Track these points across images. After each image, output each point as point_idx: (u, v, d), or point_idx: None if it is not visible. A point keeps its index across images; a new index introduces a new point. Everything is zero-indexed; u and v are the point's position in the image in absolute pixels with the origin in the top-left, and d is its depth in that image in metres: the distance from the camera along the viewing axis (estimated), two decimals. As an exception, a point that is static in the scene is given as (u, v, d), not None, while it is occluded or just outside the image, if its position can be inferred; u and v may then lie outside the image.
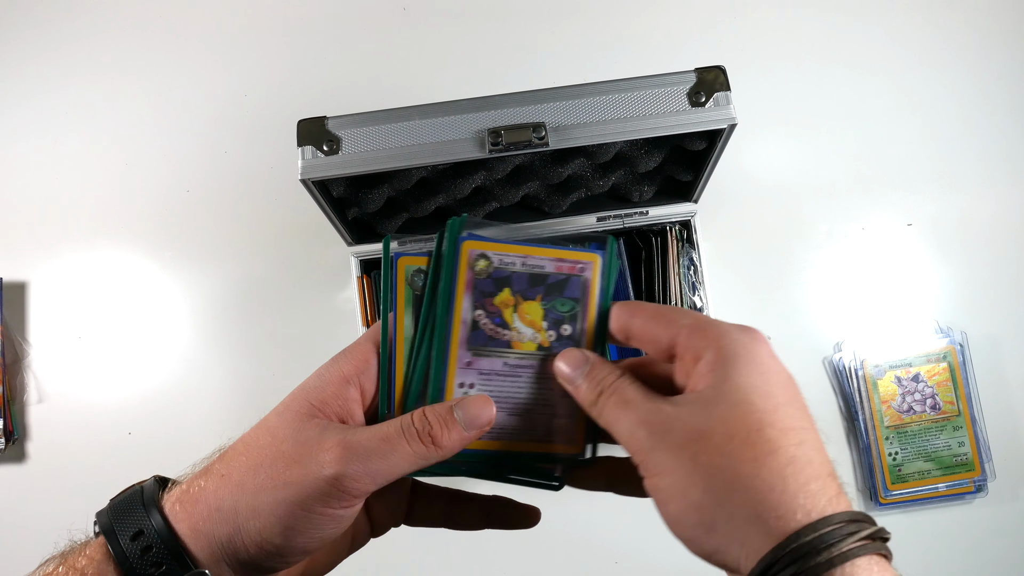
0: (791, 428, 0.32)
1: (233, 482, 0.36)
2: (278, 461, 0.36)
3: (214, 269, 0.99)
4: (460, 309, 0.40)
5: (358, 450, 0.35)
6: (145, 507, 0.36)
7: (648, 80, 0.69)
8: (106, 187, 1.02)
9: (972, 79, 1.03)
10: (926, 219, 1.00)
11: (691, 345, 0.35)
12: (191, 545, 0.35)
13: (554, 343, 0.41)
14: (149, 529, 0.35)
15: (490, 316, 0.40)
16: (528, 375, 0.40)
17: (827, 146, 1.02)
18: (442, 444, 0.37)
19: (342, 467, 0.35)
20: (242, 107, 1.04)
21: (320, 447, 0.35)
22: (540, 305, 0.41)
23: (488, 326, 0.40)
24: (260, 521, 0.35)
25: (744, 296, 0.97)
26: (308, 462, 0.35)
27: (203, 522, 0.35)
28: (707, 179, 0.81)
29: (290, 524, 0.35)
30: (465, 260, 0.40)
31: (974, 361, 0.94)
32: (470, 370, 0.40)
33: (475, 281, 0.40)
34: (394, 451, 0.36)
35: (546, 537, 0.92)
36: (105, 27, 1.07)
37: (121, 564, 0.34)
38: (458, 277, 0.40)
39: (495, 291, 0.40)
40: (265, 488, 0.35)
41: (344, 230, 0.83)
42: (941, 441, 0.92)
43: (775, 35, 1.05)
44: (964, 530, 0.93)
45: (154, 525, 0.35)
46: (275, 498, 0.35)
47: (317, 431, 0.36)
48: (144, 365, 0.97)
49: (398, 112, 0.70)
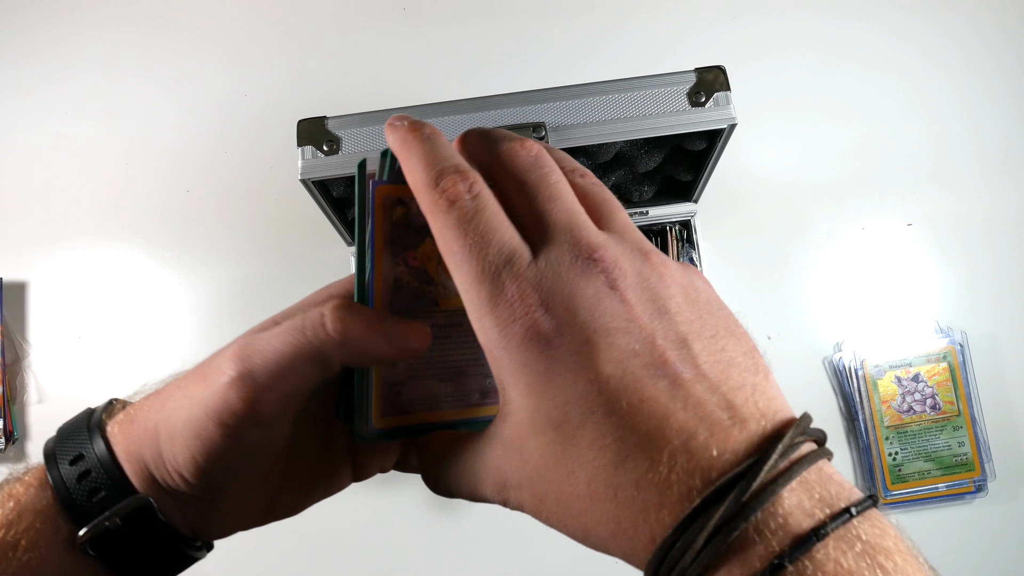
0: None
1: (161, 400, 0.32)
2: (194, 375, 0.32)
3: (214, 269, 1.00)
4: (381, 267, 0.33)
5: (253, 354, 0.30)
6: (89, 430, 0.32)
7: (648, 80, 0.69)
8: (106, 187, 1.02)
9: (972, 79, 1.03)
10: (926, 219, 1.00)
11: None
12: (127, 469, 0.31)
13: None
14: (89, 452, 0.32)
15: (413, 272, 0.34)
16: (458, 334, 0.35)
17: (827, 146, 1.02)
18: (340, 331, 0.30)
19: (232, 377, 0.29)
20: (242, 107, 1.04)
21: (222, 352, 0.31)
22: None
23: (412, 284, 0.34)
24: (173, 444, 0.31)
25: (744, 296, 0.97)
26: (211, 372, 0.30)
27: (134, 443, 0.32)
28: (707, 179, 0.81)
29: (195, 450, 0.30)
30: (380, 208, 0.33)
31: (974, 361, 0.94)
32: None
33: (393, 232, 0.33)
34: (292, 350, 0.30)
35: (546, 537, 0.92)
36: (105, 27, 1.07)
37: (58, 490, 0.31)
38: (375, 229, 0.33)
39: (416, 242, 0.34)
40: (180, 407, 0.31)
41: (344, 230, 0.83)
42: (941, 441, 0.92)
43: (775, 35, 1.05)
44: (964, 530, 0.93)
45: (94, 448, 0.32)
46: (184, 417, 0.30)
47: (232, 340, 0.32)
48: (144, 365, 0.97)
49: (398, 112, 0.70)
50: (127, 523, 0.31)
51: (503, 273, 0.26)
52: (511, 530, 0.92)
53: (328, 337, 0.30)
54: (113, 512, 0.30)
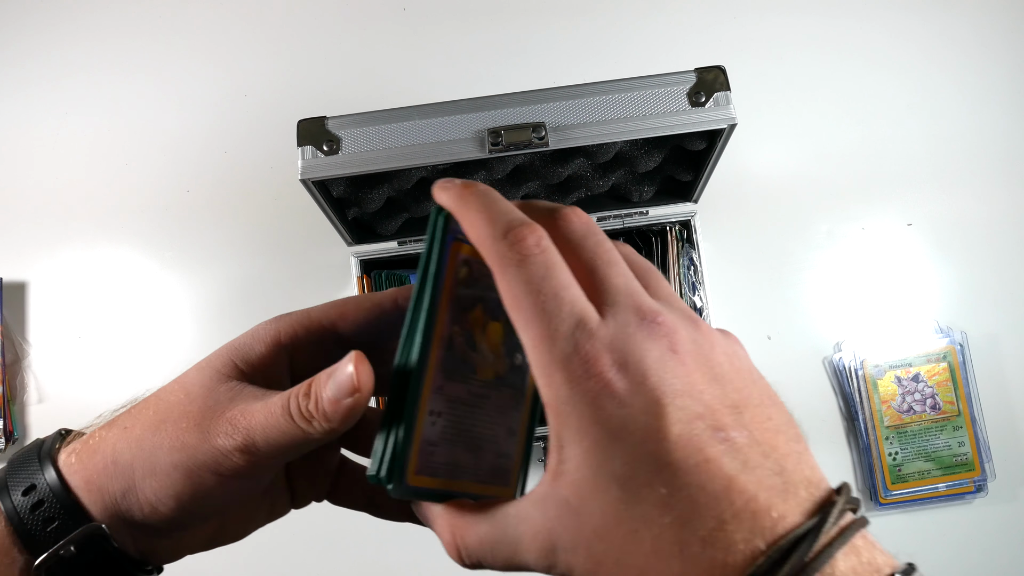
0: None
1: (134, 436, 0.33)
2: (182, 420, 0.33)
3: (214, 269, 1.00)
4: (442, 322, 0.33)
5: (252, 428, 0.32)
6: (40, 460, 0.33)
7: (648, 80, 0.69)
8: (106, 187, 1.02)
9: (973, 79, 1.03)
10: (926, 219, 1.00)
11: None
12: (84, 499, 0.32)
13: (507, 373, 0.35)
14: (41, 483, 0.32)
15: (464, 335, 0.34)
16: (484, 408, 0.35)
17: (827, 146, 1.02)
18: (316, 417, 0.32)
19: (236, 446, 0.32)
20: (242, 107, 1.04)
21: (222, 415, 0.33)
22: (503, 327, 0.35)
23: (460, 346, 0.34)
24: (155, 481, 0.32)
25: (744, 296, 0.97)
26: (207, 428, 0.32)
27: (98, 475, 0.33)
28: (707, 179, 0.81)
29: (182, 490, 0.32)
30: (452, 265, 0.33)
31: (974, 361, 0.94)
32: (440, 396, 0.33)
33: (457, 292, 0.33)
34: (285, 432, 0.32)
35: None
36: (105, 27, 1.07)
37: (11, 520, 0.32)
38: (444, 283, 0.33)
39: (470, 306, 0.34)
40: (163, 447, 0.32)
41: (344, 230, 0.83)
42: (941, 441, 0.92)
43: (775, 35, 1.05)
44: (964, 530, 0.93)
45: (46, 479, 0.32)
46: (171, 460, 0.32)
47: (228, 395, 0.33)
48: (144, 365, 0.97)
49: (398, 112, 0.70)
50: (81, 550, 0.32)
51: (576, 332, 0.27)
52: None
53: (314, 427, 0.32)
54: (68, 540, 0.31)
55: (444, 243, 0.33)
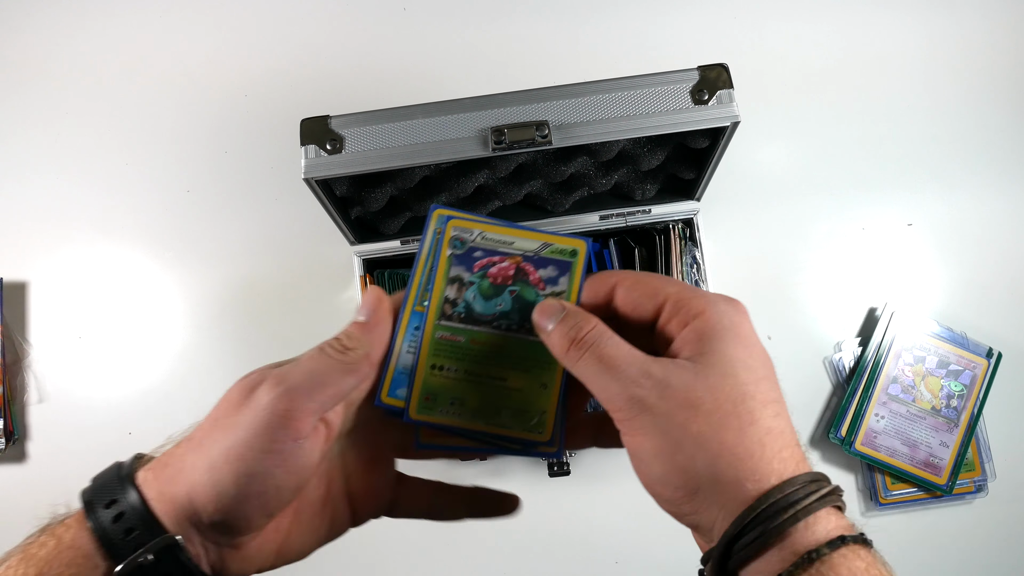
0: (769, 401, 0.35)
1: (195, 443, 0.37)
2: (228, 410, 0.37)
3: (214, 269, 0.99)
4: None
5: (288, 375, 0.37)
6: (120, 478, 0.37)
7: (651, 78, 0.69)
8: (106, 187, 1.02)
9: (973, 79, 1.03)
10: (926, 219, 1.00)
11: (678, 312, 0.38)
12: (158, 510, 0.35)
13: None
14: (122, 497, 0.36)
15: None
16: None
17: (828, 145, 1.02)
18: (353, 346, 0.39)
19: (277, 393, 0.36)
20: (242, 107, 1.04)
21: (258, 384, 0.37)
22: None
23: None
24: (216, 472, 0.35)
25: (746, 294, 0.96)
26: (249, 401, 0.36)
27: (167, 485, 0.36)
28: (710, 177, 0.81)
29: (242, 469, 0.35)
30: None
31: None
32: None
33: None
34: (319, 368, 0.38)
35: (546, 537, 0.92)
36: (105, 27, 1.07)
37: (95, 530, 0.35)
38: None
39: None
40: (217, 439, 0.36)
41: (347, 229, 0.83)
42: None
43: (776, 35, 1.05)
44: (964, 530, 0.93)
45: (126, 493, 0.36)
46: (226, 445, 0.35)
47: (258, 374, 0.38)
48: (144, 365, 0.97)
49: (401, 111, 0.70)
50: (158, 558, 0.35)
51: None
52: (511, 528, 0.92)
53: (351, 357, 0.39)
54: (147, 548, 0.34)
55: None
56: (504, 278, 0.43)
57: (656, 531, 0.88)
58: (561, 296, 0.42)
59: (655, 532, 0.88)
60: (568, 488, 0.91)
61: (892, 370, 0.64)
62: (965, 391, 0.81)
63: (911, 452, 0.74)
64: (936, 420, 0.73)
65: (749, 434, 0.34)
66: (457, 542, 0.92)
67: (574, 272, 0.42)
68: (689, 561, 0.35)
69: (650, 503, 0.36)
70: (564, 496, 0.92)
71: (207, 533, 0.36)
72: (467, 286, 0.43)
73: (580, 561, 0.92)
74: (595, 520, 0.92)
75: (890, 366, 0.60)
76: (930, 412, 0.71)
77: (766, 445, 0.34)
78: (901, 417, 0.64)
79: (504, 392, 0.42)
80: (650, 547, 0.91)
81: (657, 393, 0.35)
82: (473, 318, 0.42)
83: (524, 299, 0.42)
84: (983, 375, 0.91)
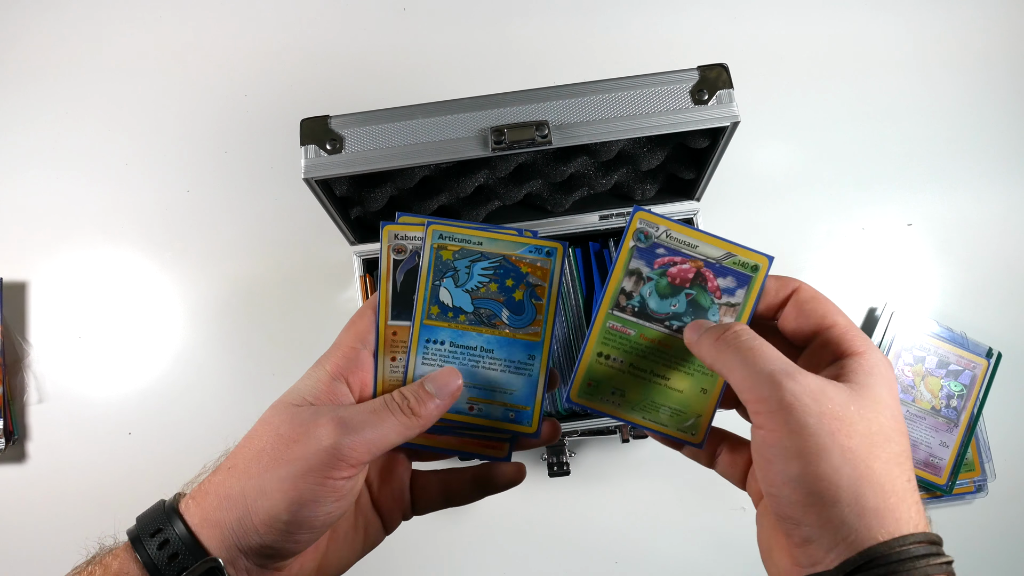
0: (906, 454, 0.37)
1: (239, 471, 0.39)
2: (278, 444, 0.39)
3: (214, 269, 0.99)
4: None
5: (351, 422, 0.39)
6: (165, 513, 0.39)
7: (651, 78, 0.69)
8: (106, 187, 1.02)
9: (973, 79, 1.03)
10: (926, 219, 1.00)
11: (839, 342, 0.40)
12: (201, 534, 0.38)
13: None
14: (166, 526, 0.38)
15: None
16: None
17: (827, 145, 1.02)
18: (420, 414, 0.42)
19: (338, 437, 0.38)
20: (242, 107, 1.04)
21: (316, 424, 0.39)
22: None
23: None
24: (267, 500, 0.38)
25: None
26: (307, 439, 0.39)
27: (213, 511, 0.38)
28: (710, 177, 0.81)
29: (295, 498, 0.37)
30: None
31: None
32: None
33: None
34: (382, 422, 0.40)
35: (546, 537, 0.92)
36: (105, 26, 1.07)
37: (142, 556, 0.38)
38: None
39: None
40: (269, 468, 0.38)
41: (346, 229, 0.83)
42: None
43: (777, 34, 1.05)
44: (964, 530, 0.93)
45: (170, 523, 0.38)
46: (279, 475, 0.38)
47: (311, 413, 0.40)
48: (144, 365, 0.97)
49: (401, 111, 0.70)
50: None
51: None
52: (510, 529, 0.92)
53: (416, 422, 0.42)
54: (190, 572, 0.37)
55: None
56: (683, 280, 0.43)
57: (656, 531, 0.88)
58: (735, 308, 0.43)
59: (655, 532, 0.88)
60: (568, 488, 0.91)
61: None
62: (965, 391, 0.79)
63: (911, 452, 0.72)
64: (936, 420, 0.69)
65: (895, 473, 0.35)
66: (457, 542, 0.92)
67: (752, 286, 0.44)
68: (689, 561, 0.36)
69: (650, 503, 0.36)
70: (564, 496, 0.92)
71: (253, 557, 0.38)
72: (645, 281, 0.43)
73: (580, 561, 0.92)
74: (595, 520, 0.92)
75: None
76: (930, 412, 0.66)
77: (908, 492, 0.35)
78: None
79: (665, 391, 0.43)
80: (650, 547, 0.91)
81: (811, 396, 0.35)
82: (646, 313, 0.43)
83: (699, 304, 0.43)
84: (983, 375, 0.91)
